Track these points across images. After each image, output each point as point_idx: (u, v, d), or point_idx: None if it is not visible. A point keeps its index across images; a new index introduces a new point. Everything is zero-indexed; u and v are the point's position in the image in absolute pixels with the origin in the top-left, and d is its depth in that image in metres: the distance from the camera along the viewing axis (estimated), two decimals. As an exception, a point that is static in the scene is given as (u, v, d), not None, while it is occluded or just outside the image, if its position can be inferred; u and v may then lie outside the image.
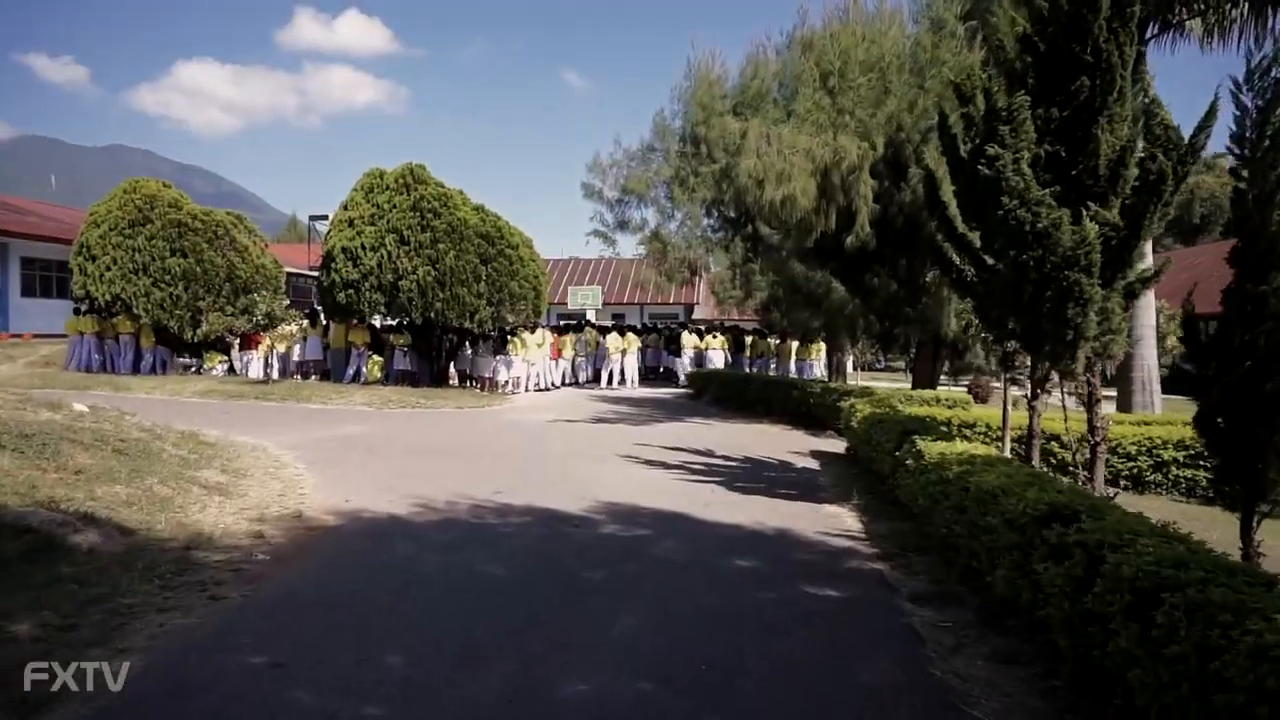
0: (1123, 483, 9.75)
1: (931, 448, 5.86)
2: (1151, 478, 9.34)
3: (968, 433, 9.49)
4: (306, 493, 7.16)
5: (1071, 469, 9.36)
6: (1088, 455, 7.40)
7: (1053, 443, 9.74)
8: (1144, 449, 9.31)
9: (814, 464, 9.64)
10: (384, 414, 13.43)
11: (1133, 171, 5.89)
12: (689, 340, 22.32)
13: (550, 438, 11.11)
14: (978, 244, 7.12)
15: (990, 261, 7.03)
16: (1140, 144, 6.07)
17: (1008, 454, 8.63)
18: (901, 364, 38.52)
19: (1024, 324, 6.39)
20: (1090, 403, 6.42)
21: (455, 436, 11.01)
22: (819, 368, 24.48)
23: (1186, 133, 6.11)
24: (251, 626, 3.97)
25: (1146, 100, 6.46)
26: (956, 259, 7.43)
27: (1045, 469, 7.69)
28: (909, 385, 27.47)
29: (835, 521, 6.42)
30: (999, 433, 9.77)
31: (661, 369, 23.54)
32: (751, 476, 8.56)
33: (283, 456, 8.95)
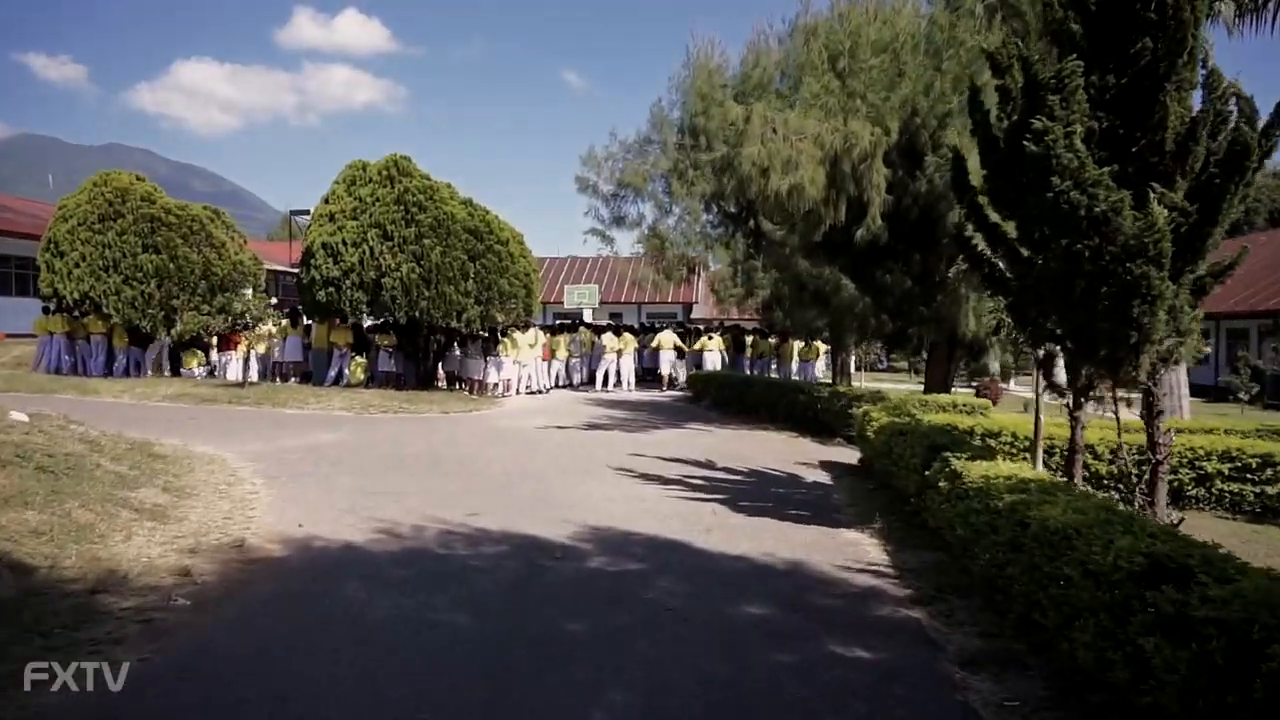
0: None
1: (971, 469, 5.04)
2: (1193, 492, 8.53)
3: (992, 442, 8.72)
4: (256, 515, 6.33)
5: (1107, 482, 8.59)
6: (1134, 471, 6.62)
7: (1086, 454, 8.96)
8: (1185, 460, 8.49)
9: (825, 477, 8.82)
10: (362, 420, 12.61)
11: (1203, 147, 5.09)
12: (667, 339, 20.85)
13: (537, 447, 10.29)
14: (1012, 234, 6.34)
15: (1027, 254, 6.24)
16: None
17: (1040, 467, 7.84)
18: (905, 364, 37.73)
19: (1074, 324, 5.58)
20: (1151, 415, 5.62)
21: (435, 446, 10.19)
22: (821, 369, 23.66)
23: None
24: (139, 708, 3.15)
25: (1204, 71, 5.65)
26: (987, 251, 6.62)
27: (1087, 486, 6.89)
28: (913, 386, 26.69)
29: (856, 551, 5.60)
30: (1026, 442, 8.99)
31: (659, 371, 22.61)
32: (757, 493, 7.74)
33: (241, 470, 8.13)
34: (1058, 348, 6.70)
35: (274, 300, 23.99)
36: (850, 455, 10.32)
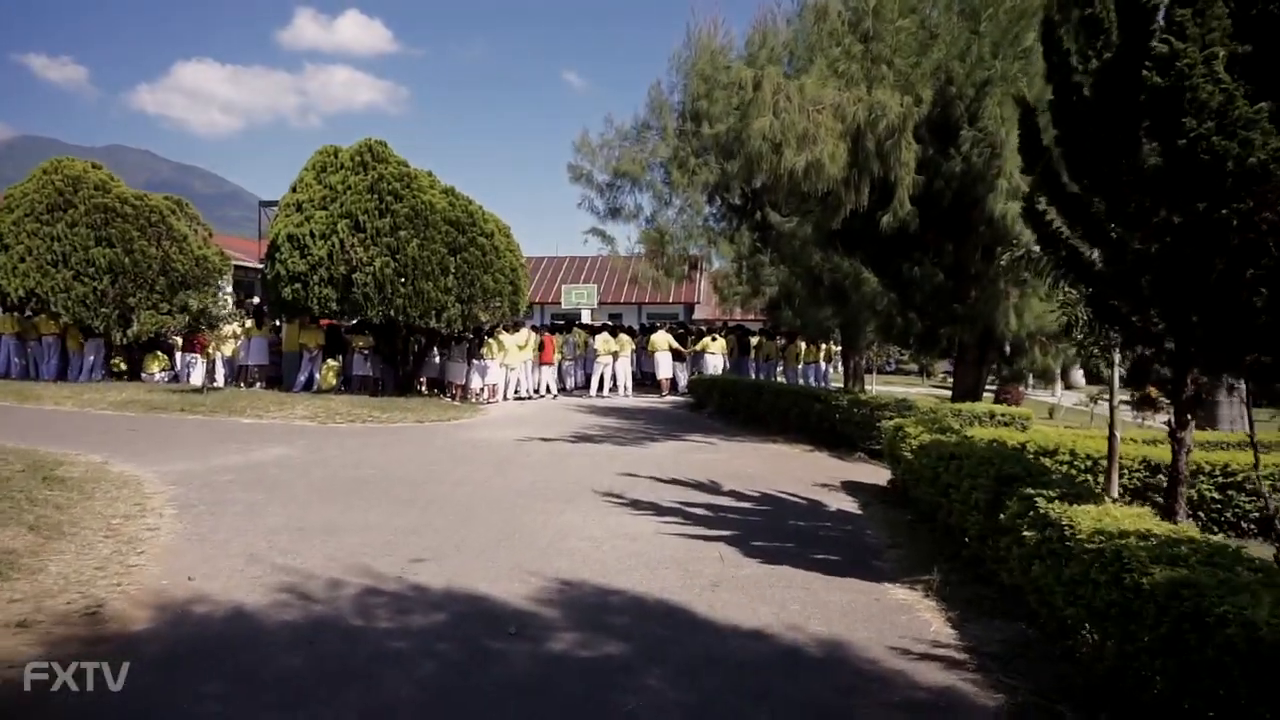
0: (1246, 526, 7.62)
1: (1076, 519, 3.66)
2: (1290, 522, 7.11)
3: (1048, 460, 7.37)
4: (140, 564, 4.98)
5: (1194, 515, 7.25)
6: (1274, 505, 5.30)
7: (1159, 475, 7.60)
8: (1281, 485, 7.12)
9: (851, 503, 7.46)
10: (324, 431, 11.24)
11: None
12: (661, 340, 19.14)
13: (515, 465, 8.92)
14: (1098, 207, 5.03)
15: (1117, 232, 4.94)
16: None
17: (1114, 494, 6.50)
18: (914, 367, 36.24)
19: (1197, 319, 4.22)
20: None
21: (397, 464, 8.83)
22: (829, 371, 22.26)
23: None
24: None
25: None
26: (1066, 230, 5.29)
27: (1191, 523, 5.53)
28: (927, 390, 25.26)
29: (910, 622, 4.22)
30: (1088, 462, 7.64)
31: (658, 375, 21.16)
32: (773, 527, 6.37)
33: (153, 497, 6.78)
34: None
35: (255, 299, 22.66)
36: (875, 474, 8.97)
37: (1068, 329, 5.92)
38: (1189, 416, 5.11)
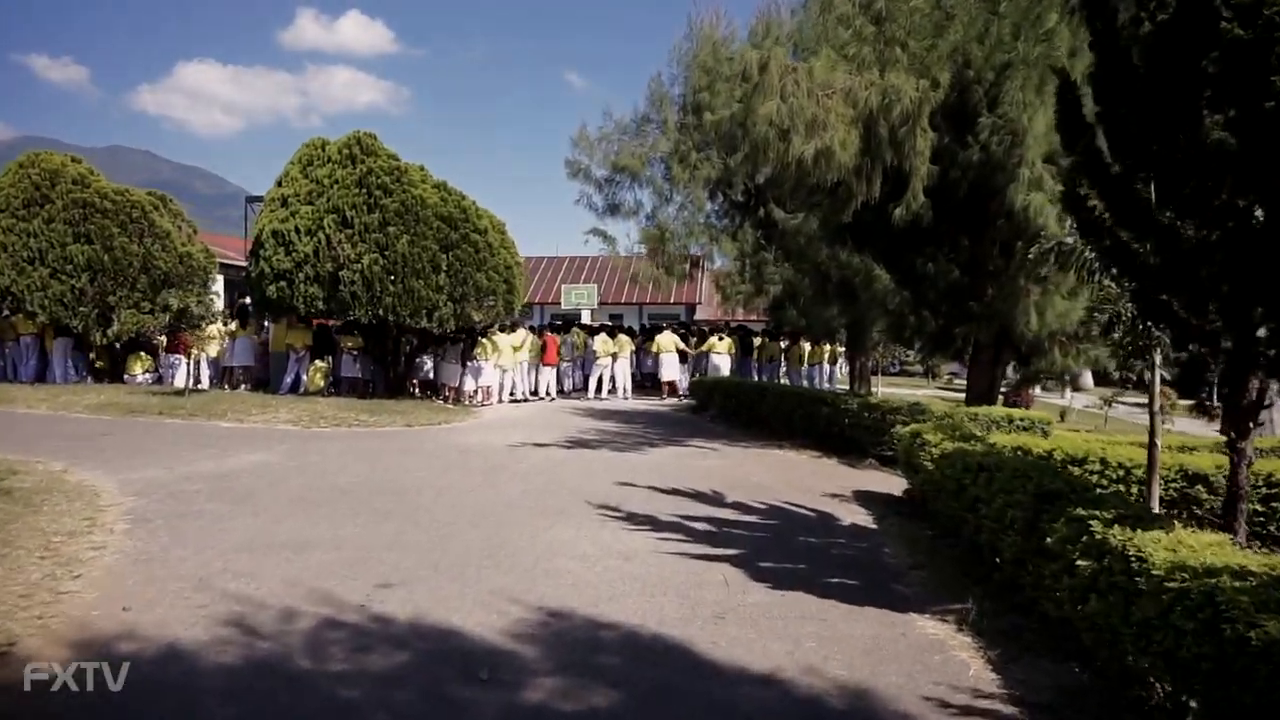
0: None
1: (1147, 547, 3.11)
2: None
3: (1077, 470, 6.82)
4: (74, 590, 4.43)
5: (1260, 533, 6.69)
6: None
7: (1197, 486, 7.06)
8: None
9: (865, 516, 6.91)
10: (306, 436, 10.69)
11: None
12: (667, 341, 18.41)
13: (505, 473, 8.37)
14: (1147, 191, 4.49)
15: (1168, 220, 4.41)
16: None
17: (1155, 506, 5.95)
18: (919, 367, 35.62)
19: (1277, 312, 3.69)
20: None
21: (379, 472, 8.28)
22: (835, 372, 21.71)
23: None
24: None
25: None
26: (1108, 217, 4.75)
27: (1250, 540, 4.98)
28: (932, 392, 24.69)
29: (944, 663, 3.66)
30: (1119, 471, 7.11)
31: (660, 377, 20.58)
32: (781, 545, 5.82)
33: (107, 510, 6.23)
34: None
35: (246, 299, 22.15)
36: (887, 482, 8.43)
37: (1108, 327, 5.38)
38: (1250, 425, 4.57)
